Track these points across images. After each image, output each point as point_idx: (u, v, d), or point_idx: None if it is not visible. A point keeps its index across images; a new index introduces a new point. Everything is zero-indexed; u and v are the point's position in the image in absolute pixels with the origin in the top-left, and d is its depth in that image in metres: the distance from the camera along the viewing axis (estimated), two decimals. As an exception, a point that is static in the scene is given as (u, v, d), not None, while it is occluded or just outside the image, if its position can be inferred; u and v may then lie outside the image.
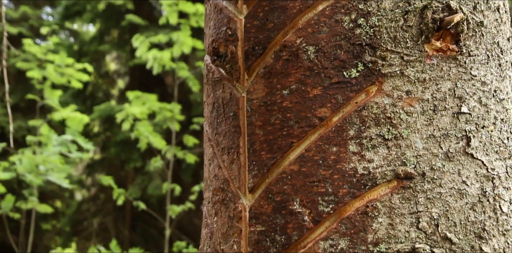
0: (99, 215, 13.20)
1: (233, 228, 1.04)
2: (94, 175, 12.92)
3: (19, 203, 6.11)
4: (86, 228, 13.50)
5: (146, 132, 6.48)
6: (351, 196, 0.94)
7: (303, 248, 0.96)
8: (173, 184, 7.19)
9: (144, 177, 11.92)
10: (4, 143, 5.70)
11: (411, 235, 0.92)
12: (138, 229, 13.38)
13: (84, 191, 13.51)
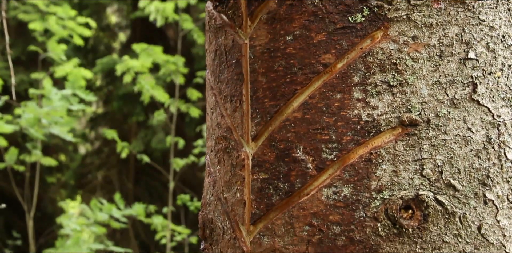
0: (103, 168, 13.32)
1: (236, 176, 1.04)
2: (97, 128, 12.97)
3: (23, 156, 6.15)
4: (90, 181, 13.65)
5: (148, 85, 6.45)
6: (355, 143, 0.94)
7: (306, 195, 0.96)
8: (177, 137, 7.22)
9: (147, 131, 11.96)
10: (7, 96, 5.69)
11: (415, 182, 0.92)
12: (142, 182, 13.52)
13: (88, 144, 13.60)
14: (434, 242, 0.91)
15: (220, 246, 1.08)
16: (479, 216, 0.93)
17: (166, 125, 11.61)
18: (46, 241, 11.99)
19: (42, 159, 6.03)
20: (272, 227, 0.98)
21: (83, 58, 10.30)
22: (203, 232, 1.16)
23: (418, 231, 0.91)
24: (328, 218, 0.93)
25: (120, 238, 13.47)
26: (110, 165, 13.17)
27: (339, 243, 0.93)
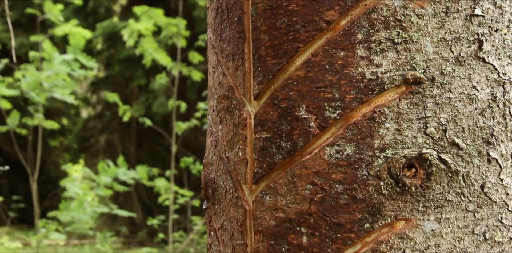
0: (106, 132, 13.36)
1: (238, 135, 1.04)
2: (99, 92, 12.95)
3: (25, 119, 6.16)
4: (93, 145, 13.71)
5: (150, 48, 6.41)
6: (358, 101, 0.93)
7: (308, 154, 0.95)
8: (179, 101, 7.21)
9: (149, 95, 11.94)
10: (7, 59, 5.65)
11: (418, 141, 0.91)
12: (145, 146, 13.57)
13: (90, 108, 13.60)
14: (436, 201, 0.91)
15: (222, 205, 1.08)
16: (483, 175, 0.92)
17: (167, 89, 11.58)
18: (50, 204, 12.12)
19: (44, 122, 6.03)
20: (275, 186, 0.97)
21: (83, 21, 10.21)
22: (205, 191, 1.16)
23: (421, 189, 0.90)
24: (330, 177, 0.93)
25: (123, 201, 13.60)
26: (113, 128, 13.20)
27: (341, 202, 0.93)
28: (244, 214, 1.01)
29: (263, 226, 0.98)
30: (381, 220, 0.91)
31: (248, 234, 1.01)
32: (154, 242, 11.91)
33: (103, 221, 13.06)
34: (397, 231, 0.91)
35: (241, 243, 1.02)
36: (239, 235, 1.03)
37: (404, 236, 0.91)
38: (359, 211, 0.92)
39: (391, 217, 0.91)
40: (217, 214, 1.11)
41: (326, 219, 0.93)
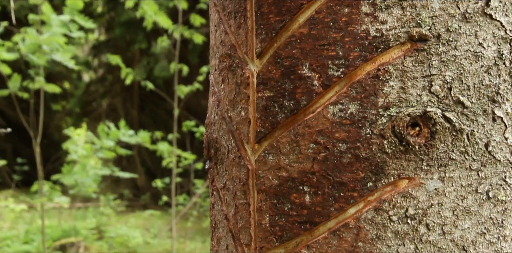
0: (108, 96, 13.35)
1: (240, 94, 1.02)
2: (100, 56, 12.88)
3: (26, 83, 6.14)
4: (95, 109, 13.72)
5: (151, 10, 6.33)
6: (362, 59, 0.91)
7: (312, 113, 0.94)
8: (180, 64, 7.17)
9: (150, 59, 11.88)
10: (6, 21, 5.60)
11: (423, 99, 0.90)
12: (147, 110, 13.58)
13: (91, 72, 13.55)
14: (440, 159, 0.90)
15: (225, 165, 1.08)
16: (487, 133, 0.92)
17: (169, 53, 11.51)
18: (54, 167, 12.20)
19: (46, 85, 6.01)
20: (277, 145, 0.97)
21: (83, -17, 10.07)
22: (208, 151, 1.15)
23: (424, 148, 0.90)
24: (334, 136, 0.92)
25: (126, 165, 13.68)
26: (115, 92, 13.19)
27: (344, 161, 0.92)
28: (246, 174, 1.01)
29: (266, 185, 0.98)
30: (384, 179, 0.91)
31: (250, 193, 1.01)
32: (157, 205, 12.04)
33: (107, 184, 13.18)
34: (400, 190, 0.91)
35: (243, 203, 1.02)
36: (241, 195, 1.03)
37: (407, 194, 0.90)
38: (362, 170, 0.91)
39: (394, 176, 0.91)
40: (220, 174, 1.10)
41: (329, 178, 0.93)
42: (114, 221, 10.83)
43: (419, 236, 0.90)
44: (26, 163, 12.02)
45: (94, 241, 9.50)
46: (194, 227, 11.57)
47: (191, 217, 11.31)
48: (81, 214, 11.23)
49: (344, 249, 0.92)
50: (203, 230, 11.36)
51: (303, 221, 0.95)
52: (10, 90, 5.84)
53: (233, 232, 1.05)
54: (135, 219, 11.67)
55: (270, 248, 0.98)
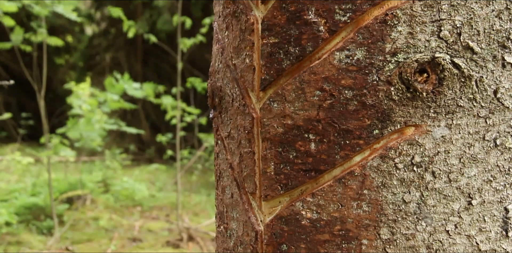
0: (111, 49, 13.26)
1: (245, 41, 1.00)
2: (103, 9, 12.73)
3: (28, 35, 6.08)
4: (99, 62, 13.66)
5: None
6: (370, 3, 0.88)
7: (317, 59, 0.92)
8: (183, 17, 7.08)
9: (153, 12, 11.74)
10: (6, -28, 5.50)
11: (431, 44, 0.88)
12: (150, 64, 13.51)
13: (94, 25, 13.41)
14: (448, 107, 0.89)
15: (229, 113, 1.07)
16: (496, 80, 0.90)
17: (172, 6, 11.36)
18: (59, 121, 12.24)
19: (48, 38, 5.96)
20: (282, 93, 0.95)
21: None
22: (212, 100, 1.14)
23: (432, 95, 0.88)
24: (340, 83, 0.91)
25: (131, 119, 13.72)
26: (118, 46, 13.09)
27: (350, 108, 0.91)
28: (251, 122, 1.00)
29: (271, 133, 0.97)
30: (390, 126, 0.90)
31: (255, 141, 1.00)
32: (162, 159, 12.13)
33: (112, 138, 13.25)
34: (407, 137, 0.90)
35: (248, 151, 1.01)
36: (246, 143, 1.02)
37: (414, 142, 0.90)
38: (368, 117, 0.90)
39: (401, 123, 0.89)
40: (224, 123, 1.10)
41: (334, 126, 0.92)
42: (120, 174, 10.94)
43: (425, 184, 0.90)
44: (31, 117, 12.06)
45: (100, 194, 9.62)
46: (199, 181, 11.69)
47: (196, 170, 11.41)
48: (87, 168, 11.34)
49: (349, 196, 0.92)
50: (208, 184, 11.48)
51: (308, 169, 0.94)
52: (12, 43, 5.80)
53: (237, 180, 1.05)
54: (141, 173, 11.78)
55: (275, 196, 0.98)
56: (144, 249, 7.37)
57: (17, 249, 7.11)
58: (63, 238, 7.77)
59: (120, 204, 9.64)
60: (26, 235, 7.57)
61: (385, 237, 0.91)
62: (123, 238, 7.99)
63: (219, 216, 1.15)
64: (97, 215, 8.87)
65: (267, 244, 0.99)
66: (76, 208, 8.89)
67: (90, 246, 7.54)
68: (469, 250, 0.92)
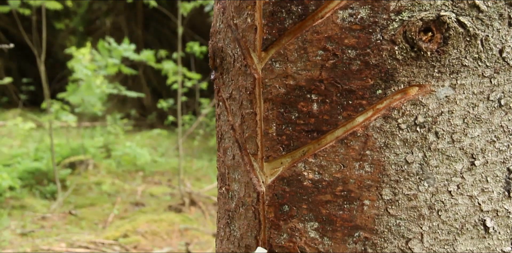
0: (111, 14, 13.13)
1: (246, 0, 0.98)
2: (102, -28, 12.56)
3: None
4: (99, 27, 13.54)
5: None
6: (375, -40, 0.86)
7: (320, 18, 0.91)
8: (184, -20, 6.98)
9: (153, -25, 11.58)
10: None
11: (437, 3, 0.86)
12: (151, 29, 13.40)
13: (93, -11, 13.25)
14: (452, 66, 0.88)
15: (231, 74, 1.06)
16: (502, 39, 0.88)
17: (172, -31, 11.20)
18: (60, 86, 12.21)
19: (47, 2, 5.89)
20: (285, 53, 0.94)
21: None
22: (213, 61, 1.13)
23: (436, 54, 0.87)
24: (343, 42, 0.89)
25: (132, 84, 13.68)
26: (118, 10, 12.96)
27: (353, 68, 0.90)
28: (253, 83, 0.99)
29: (273, 94, 0.96)
30: (394, 86, 0.89)
31: (257, 102, 0.99)
32: (164, 125, 12.15)
33: (113, 104, 13.24)
34: (410, 98, 0.89)
35: (250, 112, 1.01)
36: (248, 104, 1.01)
37: (417, 102, 0.89)
38: (371, 77, 0.89)
39: (404, 83, 0.88)
40: (226, 84, 1.08)
41: (337, 86, 0.91)
42: (121, 140, 10.97)
43: (428, 144, 0.89)
44: (32, 82, 12.03)
45: (102, 159, 9.67)
46: (201, 146, 11.73)
47: (197, 136, 11.44)
48: (88, 133, 11.36)
49: (352, 157, 0.92)
50: (209, 149, 11.52)
51: (310, 130, 0.94)
52: (10, 7, 5.73)
53: (239, 142, 1.05)
54: (142, 138, 11.81)
55: (277, 157, 0.98)
56: (146, 214, 7.45)
57: (21, 213, 7.19)
58: (66, 202, 7.85)
59: (122, 169, 9.70)
60: (29, 199, 7.63)
61: (387, 198, 0.91)
62: (126, 202, 8.07)
63: (221, 177, 1.15)
64: (100, 180, 8.93)
65: (268, 205, 0.99)
66: (78, 173, 8.95)
67: (93, 210, 7.62)
68: (471, 211, 0.92)
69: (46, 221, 7.06)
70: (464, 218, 0.92)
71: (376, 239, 0.92)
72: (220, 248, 1.16)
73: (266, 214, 1.00)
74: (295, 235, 0.97)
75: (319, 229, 0.95)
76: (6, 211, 7.11)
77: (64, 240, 6.35)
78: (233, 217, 1.09)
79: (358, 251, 0.93)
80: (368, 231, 0.92)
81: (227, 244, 1.12)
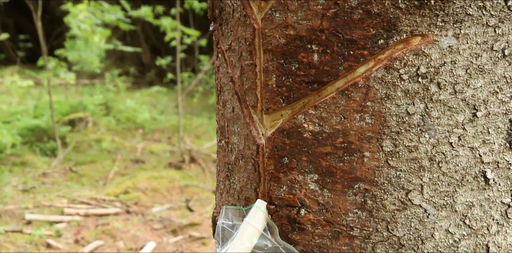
0: (108, -31, 12.90)
1: None
2: None
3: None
4: (96, -17, 13.32)
5: None
6: None
7: (322, -34, 0.88)
8: None
9: None
10: None
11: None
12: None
13: None
14: (456, 15, 0.86)
15: (230, 25, 1.04)
16: (508, -13, 0.86)
17: None
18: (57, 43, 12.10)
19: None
20: (285, 2, 0.92)
21: None
22: (212, 12, 1.10)
23: (440, 3, 0.85)
24: (345, -10, 0.87)
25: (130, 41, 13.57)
26: (115, -35, 12.74)
27: (355, 17, 0.88)
28: (252, 33, 0.97)
29: (273, 44, 0.95)
30: (396, 36, 0.87)
31: (256, 53, 0.97)
32: (163, 82, 12.11)
33: (112, 61, 13.16)
34: (413, 47, 0.87)
35: (249, 63, 0.99)
36: (247, 55, 0.99)
37: (420, 52, 0.87)
38: (373, 27, 0.87)
39: (407, 32, 0.86)
40: (225, 35, 1.06)
41: (338, 36, 0.89)
42: (121, 97, 10.95)
43: (430, 95, 0.88)
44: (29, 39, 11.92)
45: (102, 117, 9.67)
46: (200, 104, 11.72)
47: (197, 93, 11.41)
48: (87, 91, 11.33)
49: (352, 109, 0.91)
50: (209, 107, 11.51)
51: (311, 81, 0.92)
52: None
53: (239, 94, 1.03)
54: (141, 96, 11.79)
55: (277, 109, 0.97)
56: (146, 171, 7.50)
57: (22, 169, 7.23)
58: (67, 159, 7.89)
59: (122, 126, 9.71)
60: (30, 156, 7.67)
61: (388, 149, 0.90)
62: (126, 159, 8.11)
63: (220, 130, 1.14)
64: (100, 137, 8.95)
65: (268, 158, 0.99)
66: (78, 130, 8.97)
67: (93, 167, 7.67)
68: (472, 162, 0.91)
69: (47, 178, 7.11)
70: (465, 169, 0.91)
71: (376, 191, 0.92)
72: (219, 201, 1.17)
73: (266, 166, 0.99)
74: (295, 187, 0.97)
75: (319, 181, 0.95)
76: (7, 168, 7.16)
77: (65, 196, 6.42)
78: (232, 170, 1.09)
79: (358, 202, 0.93)
80: (368, 183, 0.92)
81: (226, 196, 1.13)
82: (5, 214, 5.75)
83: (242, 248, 0.97)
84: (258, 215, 1.00)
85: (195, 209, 6.25)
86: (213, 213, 1.18)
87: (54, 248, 5.10)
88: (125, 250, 5.19)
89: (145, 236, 5.51)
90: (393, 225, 0.93)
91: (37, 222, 5.62)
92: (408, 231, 0.93)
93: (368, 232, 0.94)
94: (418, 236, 0.93)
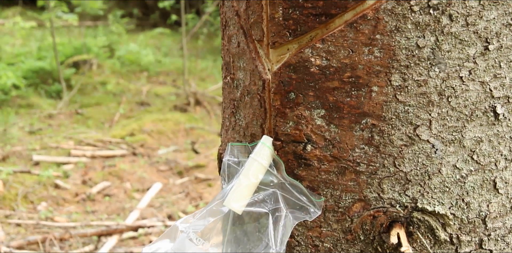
0: None
1: None
2: None
3: None
4: None
5: None
6: None
7: None
8: None
9: None
10: None
11: None
12: None
13: None
14: None
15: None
16: None
17: None
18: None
19: None
20: None
21: None
22: None
23: None
24: None
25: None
26: None
27: None
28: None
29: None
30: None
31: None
32: (167, 24, 11.95)
33: (115, 3, 12.97)
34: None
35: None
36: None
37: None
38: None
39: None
40: (230, -33, 1.03)
41: (348, -35, 0.85)
42: (124, 39, 10.85)
43: (441, 28, 0.86)
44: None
45: (106, 59, 9.61)
46: (205, 46, 11.61)
47: (201, 35, 11.29)
48: (91, 33, 11.22)
49: (361, 42, 0.88)
50: (213, 49, 11.41)
51: (319, 14, 0.89)
52: None
53: (244, 28, 1.01)
54: (145, 38, 11.67)
55: (283, 43, 0.94)
56: (152, 113, 7.51)
57: (28, 111, 7.26)
58: (72, 102, 7.90)
59: (126, 69, 9.67)
60: (35, 98, 7.68)
61: (396, 84, 0.89)
62: (131, 102, 8.12)
63: (225, 66, 1.12)
64: (104, 80, 8.93)
65: (274, 93, 0.97)
66: (82, 72, 8.94)
67: (98, 110, 7.69)
68: (482, 97, 0.90)
69: (53, 120, 7.15)
70: (474, 104, 0.90)
71: (383, 126, 0.91)
72: (225, 138, 1.16)
73: (272, 102, 0.98)
74: (301, 122, 0.95)
75: (325, 116, 0.93)
76: (13, 110, 7.18)
77: (72, 138, 6.46)
78: (238, 106, 1.08)
79: (365, 138, 0.92)
80: (375, 118, 0.91)
81: (232, 133, 1.12)
82: (12, 155, 5.81)
83: (248, 184, 0.97)
84: (264, 151, 0.99)
85: (200, 151, 6.30)
86: (219, 150, 1.18)
87: (62, 189, 5.18)
88: (132, 191, 5.27)
89: (152, 178, 5.58)
90: (400, 160, 0.92)
91: (45, 163, 5.68)
92: (415, 166, 0.92)
93: (375, 167, 0.93)
94: (425, 171, 0.92)
